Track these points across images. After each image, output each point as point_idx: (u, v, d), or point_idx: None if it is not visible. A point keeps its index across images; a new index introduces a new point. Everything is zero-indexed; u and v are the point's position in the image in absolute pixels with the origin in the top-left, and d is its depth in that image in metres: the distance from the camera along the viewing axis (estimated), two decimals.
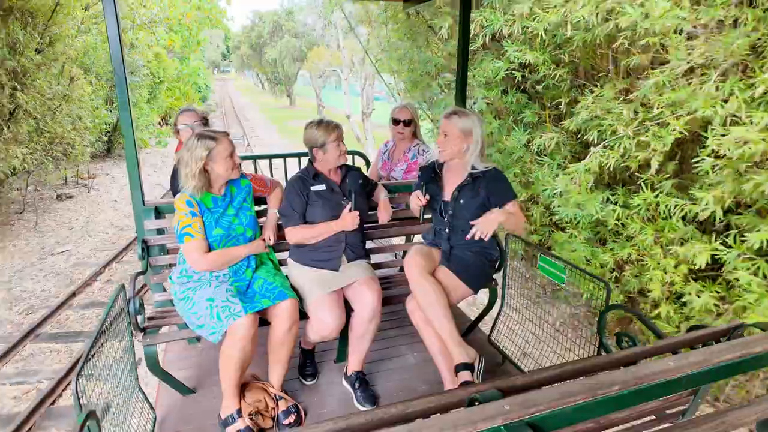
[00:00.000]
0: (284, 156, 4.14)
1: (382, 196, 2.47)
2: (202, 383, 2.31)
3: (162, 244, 2.30)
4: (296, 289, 2.16)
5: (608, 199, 3.07)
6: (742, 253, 2.44)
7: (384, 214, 2.39)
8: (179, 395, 2.21)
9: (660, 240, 2.87)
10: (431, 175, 2.29)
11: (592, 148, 2.97)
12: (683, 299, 2.73)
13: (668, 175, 2.83)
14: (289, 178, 2.32)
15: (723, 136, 2.29)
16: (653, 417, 1.43)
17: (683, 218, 2.71)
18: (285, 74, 26.98)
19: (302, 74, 26.67)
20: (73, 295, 4.82)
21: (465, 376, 1.90)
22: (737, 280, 2.47)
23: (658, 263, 2.83)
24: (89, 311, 4.60)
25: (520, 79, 3.65)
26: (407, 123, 3.10)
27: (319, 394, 2.25)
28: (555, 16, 2.89)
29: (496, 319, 2.56)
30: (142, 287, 4.83)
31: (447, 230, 2.24)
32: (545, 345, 2.42)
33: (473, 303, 4.49)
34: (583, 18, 2.74)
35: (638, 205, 2.83)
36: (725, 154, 2.33)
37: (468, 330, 2.72)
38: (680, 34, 2.53)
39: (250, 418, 1.96)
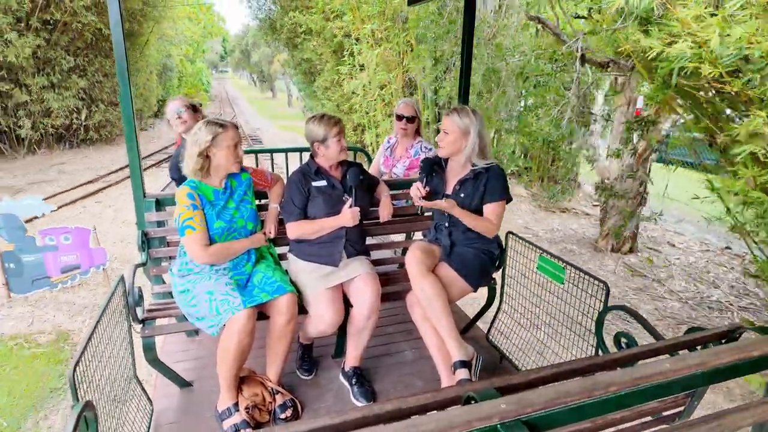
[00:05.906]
0: (286, 150, 4.15)
1: (383, 193, 2.46)
2: (199, 376, 2.31)
3: (162, 236, 2.30)
4: (296, 284, 2.16)
5: None
6: None
7: (385, 213, 2.38)
8: (177, 388, 2.22)
9: None
10: (433, 167, 2.28)
11: None
12: None
13: None
14: (290, 173, 2.32)
15: None
16: (650, 418, 1.43)
17: None
18: (268, 74, 36.48)
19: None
20: (166, 147, 13.34)
21: (462, 373, 1.90)
22: None
23: None
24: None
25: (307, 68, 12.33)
26: (410, 119, 3.09)
27: (316, 389, 2.26)
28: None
29: (495, 317, 2.56)
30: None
31: (447, 224, 2.24)
32: (543, 344, 2.42)
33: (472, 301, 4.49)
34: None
35: None
36: None
37: (466, 328, 2.72)
38: None
39: (247, 412, 1.96)
